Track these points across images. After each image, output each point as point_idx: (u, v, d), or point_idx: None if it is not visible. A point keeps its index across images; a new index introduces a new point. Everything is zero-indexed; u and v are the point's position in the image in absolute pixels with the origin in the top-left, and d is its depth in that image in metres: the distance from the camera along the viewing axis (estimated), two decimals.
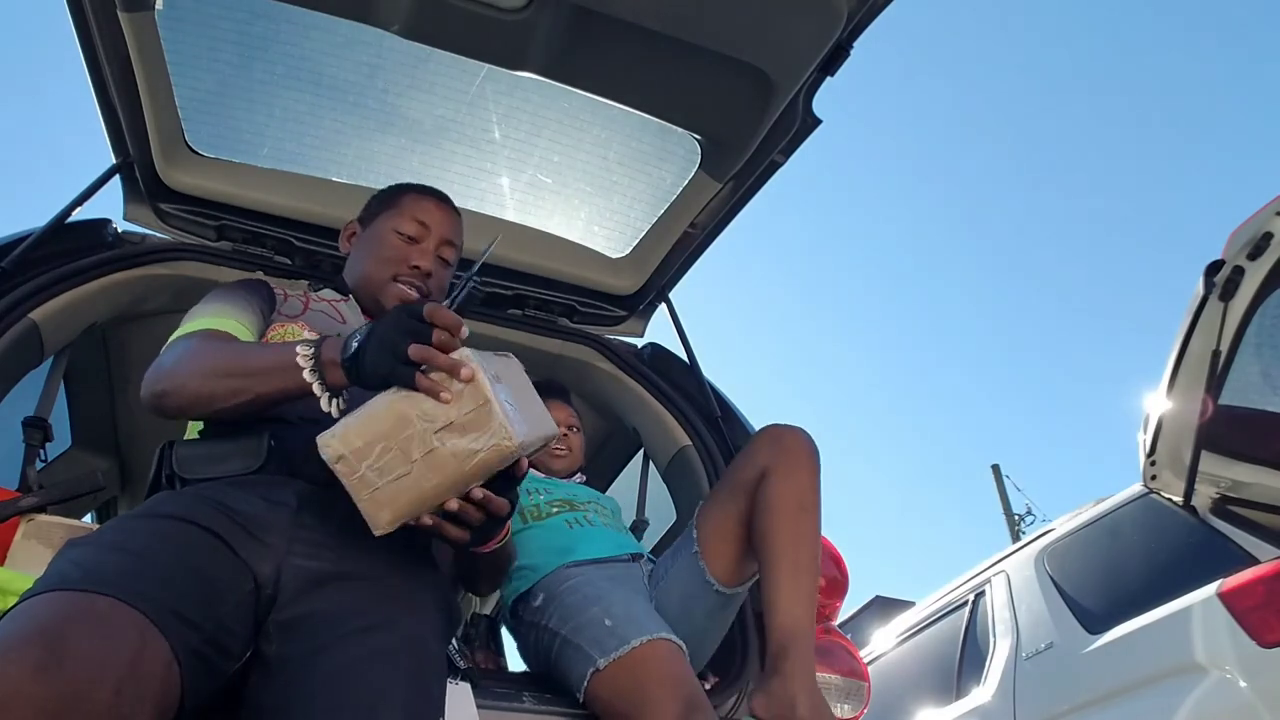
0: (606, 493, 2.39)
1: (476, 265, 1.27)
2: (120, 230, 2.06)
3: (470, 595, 2.55)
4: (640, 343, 2.47)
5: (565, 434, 2.10)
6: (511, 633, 1.82)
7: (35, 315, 1.76)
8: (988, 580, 3.40)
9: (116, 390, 2.41)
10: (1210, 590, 2.25)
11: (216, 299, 1.32)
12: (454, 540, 1.02)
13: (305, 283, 1.64)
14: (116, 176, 2.04)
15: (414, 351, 0.94)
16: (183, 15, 1.75)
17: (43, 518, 1.52)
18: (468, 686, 1.19)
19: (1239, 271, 2.33)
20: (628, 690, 1.42)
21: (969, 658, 3.26)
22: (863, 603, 9.18)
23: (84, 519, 2.41)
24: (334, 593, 1.01)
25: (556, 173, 2.15)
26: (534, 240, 2.25)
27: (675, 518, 2.28)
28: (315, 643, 0.96)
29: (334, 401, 1.05)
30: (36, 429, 1.81)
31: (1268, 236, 2.26)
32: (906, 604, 6.16)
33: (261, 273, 2.04)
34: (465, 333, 0.98)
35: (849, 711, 1.78)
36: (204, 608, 0.91)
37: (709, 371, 2.39)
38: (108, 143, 2.00)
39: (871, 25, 1.70)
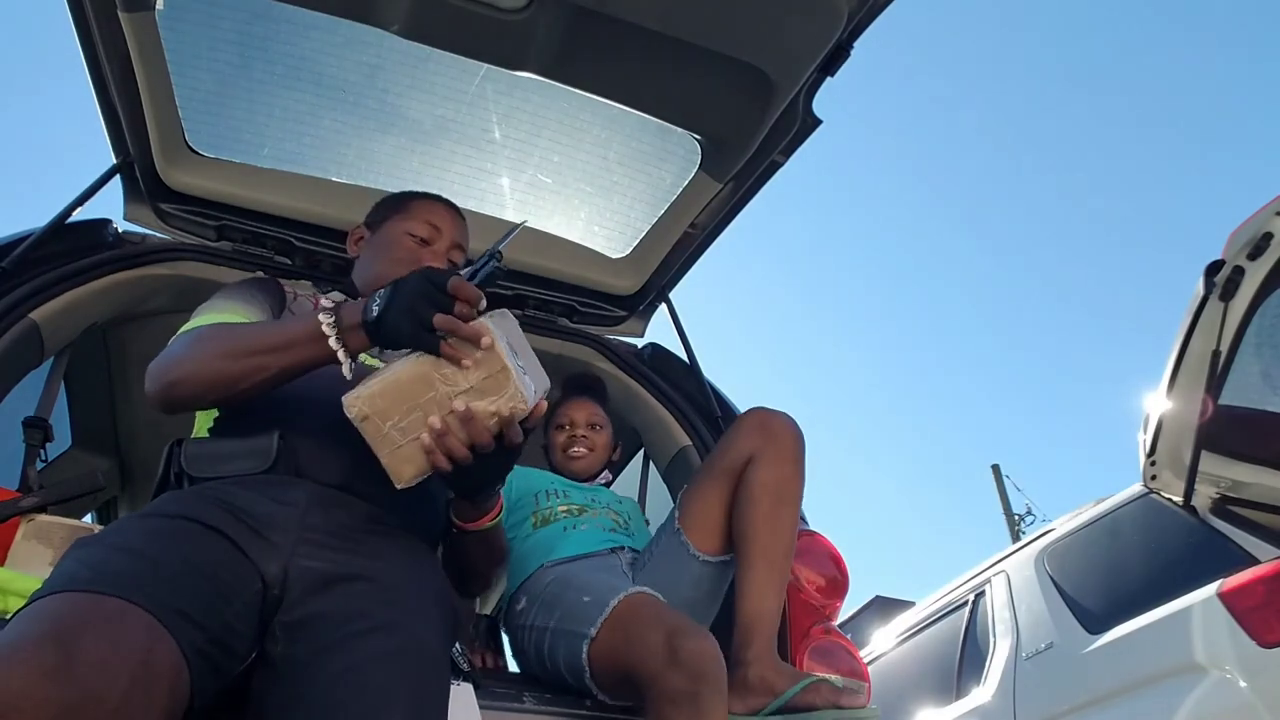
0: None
1: (499, 244, 1.27)
2: (120, 230, 2.06)
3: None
4: (640, 343, 2.47)
5: (584, 434, 2.07)
6: (508, 640, 1.83)
7: (35, 315, 1.77)
8: (988, 580, 3.40)
9: (117, 390, 2.42)
10: (1210, 590, 2.25)
11: (226, 296, 1.32)
12: (461, 461, 1.03)
13: (311, 284, 1.64)
14: (117, 176, 2.04)
15: (439, 321, 1.00)
16: (183, 15, 1.75)
17: (43, 518, 1.52)
18: (470, 688, 1.19)
19: (1239, 271, 2.33)
20: (621, 646, 1.44)
21: (969, 658, 3.26)
22: (863, 603, 9.20)
23: (84, 519, 2.42)
24: (340, 594, 1.01)
25: (556, 173, 2.15)
26: (534, 240, 2.24)
27: None
28: (321, 644, 0.96)
29: (354, 367, 1.10)
30: (37, 429, 1.81)
31: (1268, 236, 2.26)
32: (906, 604, 6.16)
33: (262, 273, 2.04)
34: (483, 304, 1.04)
35: None
36: (211, 608, 0.91)
37: (709, 371, 2.40)
38: (108, 143, 2.00)
39: (872, 25, 1.70)
